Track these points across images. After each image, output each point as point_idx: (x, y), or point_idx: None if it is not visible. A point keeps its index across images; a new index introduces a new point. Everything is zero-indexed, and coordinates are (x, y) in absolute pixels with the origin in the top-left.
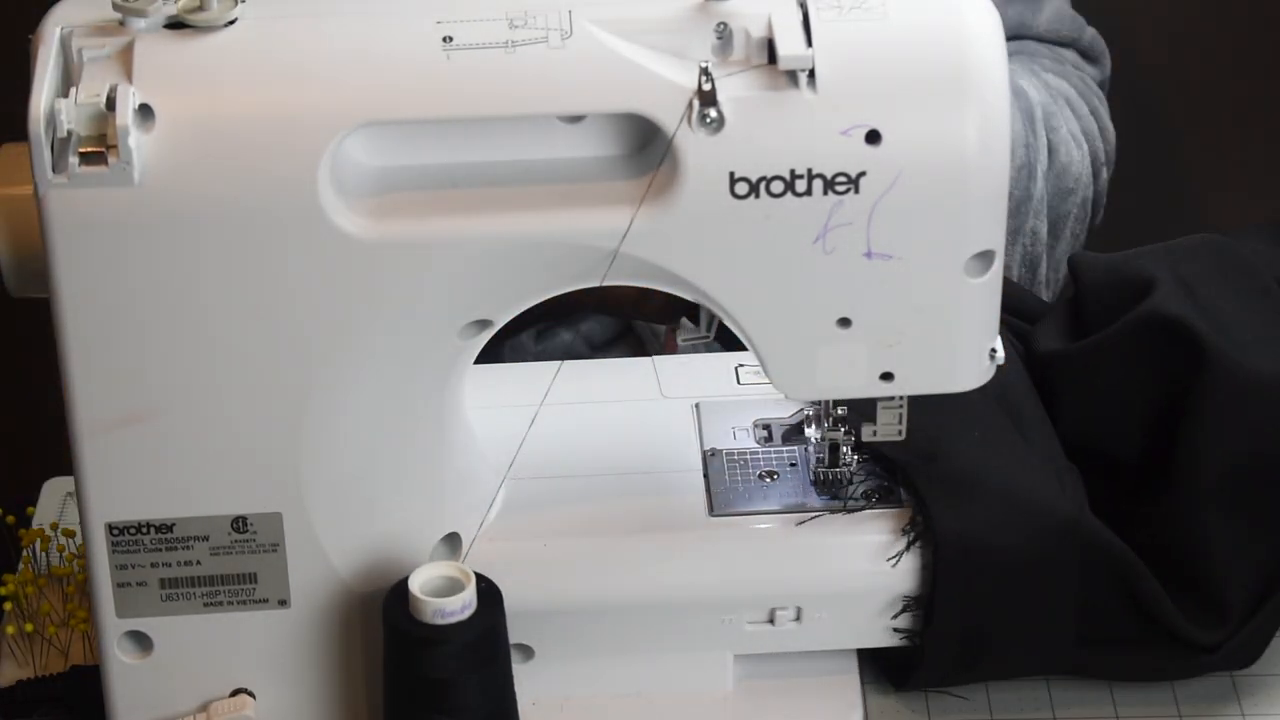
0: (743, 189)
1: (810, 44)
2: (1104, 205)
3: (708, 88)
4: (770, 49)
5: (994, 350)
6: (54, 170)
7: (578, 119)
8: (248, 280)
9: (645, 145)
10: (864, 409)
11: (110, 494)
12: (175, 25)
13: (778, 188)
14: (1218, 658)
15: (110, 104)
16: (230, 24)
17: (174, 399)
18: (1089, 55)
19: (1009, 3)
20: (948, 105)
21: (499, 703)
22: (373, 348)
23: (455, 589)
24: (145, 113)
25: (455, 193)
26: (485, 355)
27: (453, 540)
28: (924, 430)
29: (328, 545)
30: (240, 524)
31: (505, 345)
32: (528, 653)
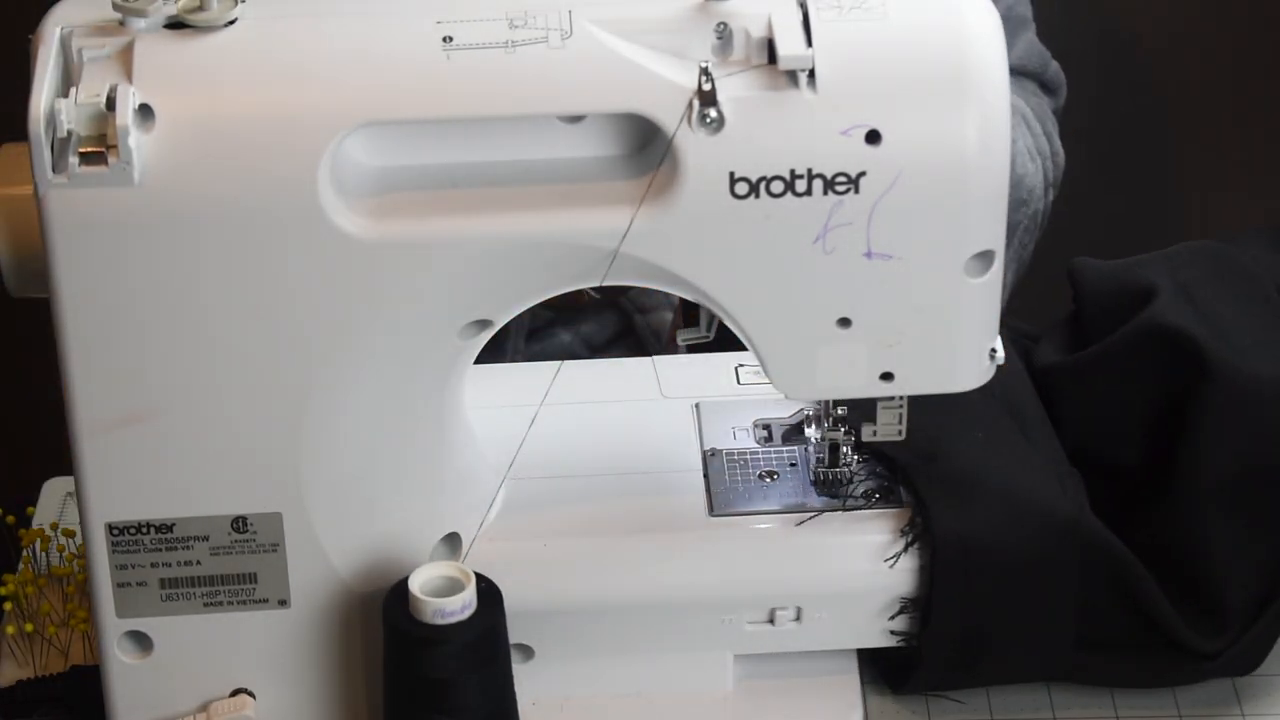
0: (743, 189)
1: (810, 44)
2: (1047, 225)
3: (708, 88)
4: (770, 49)
5: (994, 350)
6: (54, 170)
7: (578, 119)
8: (248, 280)
9: (645, 145)
10: (864, 409)
11: (110, 494)
12: (175, 25)
13: (778, 188)
14: (1218, 664)
15: (110, 104)
16: (230, 24)
17: (174, 399)
18: (1049, 87)
19: None
20: (948, 105)
21: (499, 703)
22: (373, 348)
23: (455, 589)
24: (145, 113)
25: (455, 193)
26: (485, 355)
27: (453, 540)
28: (925, 430)
29: (328, 545)
30: (240, 524)
31: (507, 345)
32: (528, 653)
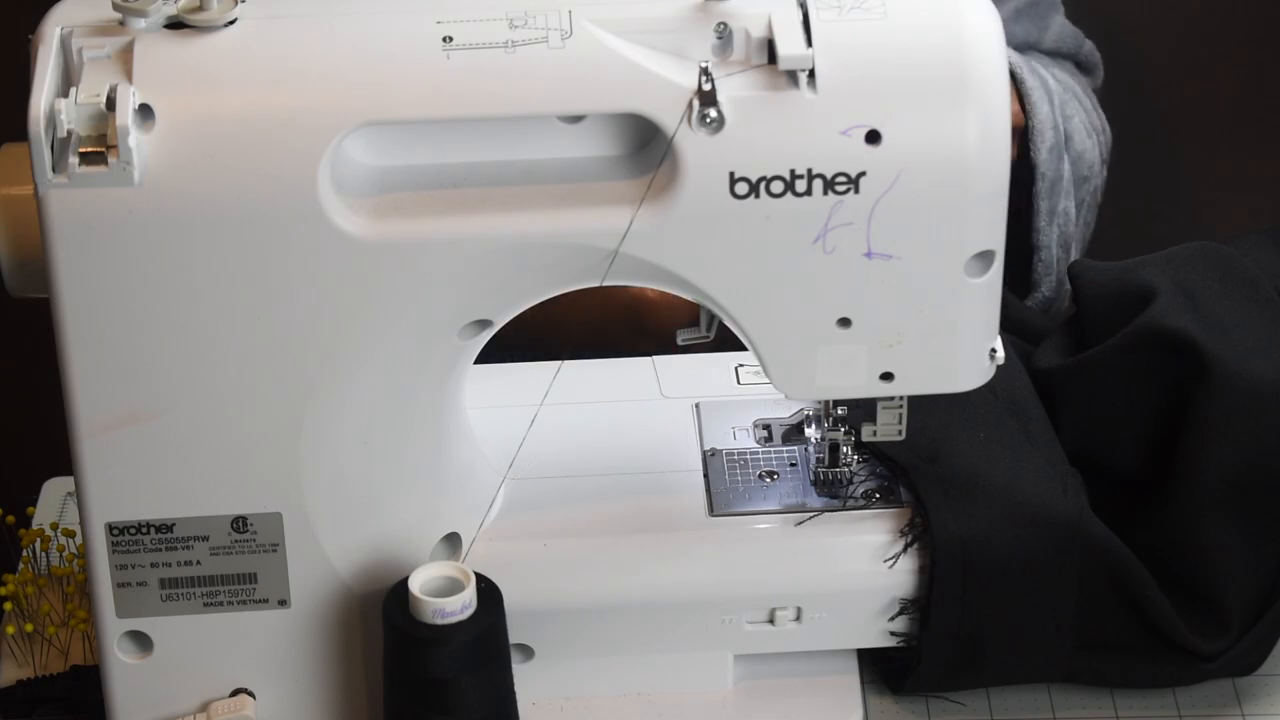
0: (743, 189)
1: (810, 44)
2: (1100, 198)
3: (708, 88)
4: (770, 49)
5: (994, 350)
6: (54, 170)
7: (578, 119)
8: (248, 280)
9: (645, 145)
10: (864, 409)
11: (110, 494)
12: (175, 25)
13: (778, 188)
14: (1218, 666)
15: (110, 104)
16: (230, 24)
17: (174, 399)
18: (1085, 66)
19: (1018, 20)
20: (948, 105)
21: (499, 703)
22: (373, 348)
23: (455, 589)
24: (145, 113)
25: (455, 193)
26: (485, 355)
27: (453, 540)
28: (928, 430)
29: (328, 545)
30: (240, 524)
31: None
32: (528, 653)
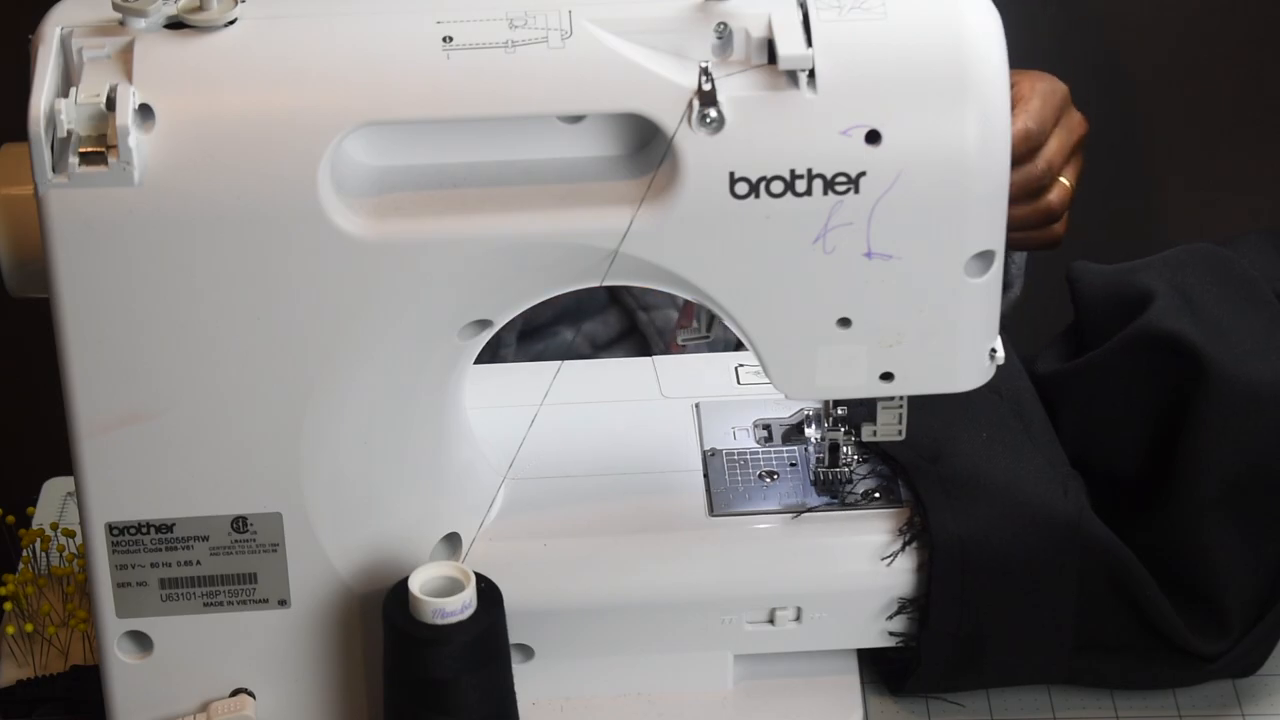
0: (743, 189)
1: (810, 44)
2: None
3: (708, 88)
4: (770, 49)
5: (994, 350)
6: (54, 170)
7: (578, 119)
8: (248, 280)
9: (645, 145)
10: (864, 409)
11: (110, 494)
12: (175, 25)
13: (778, 188)
14: (1218, 667)
15: (110, 104)
16: (230, 24)
17: (174, 399)
18: None
19: None
20: (948, 105)
21: (499, 703)
22: (373, 348)
23: (455, 589)
24: (145, 113)
25: (455, 193)
26: (485, 355)
27: (453, 540)
28: (930, 430)
29: (328, 545)
30: (240, 524)
31: (511, 347)
32: (528, 653)
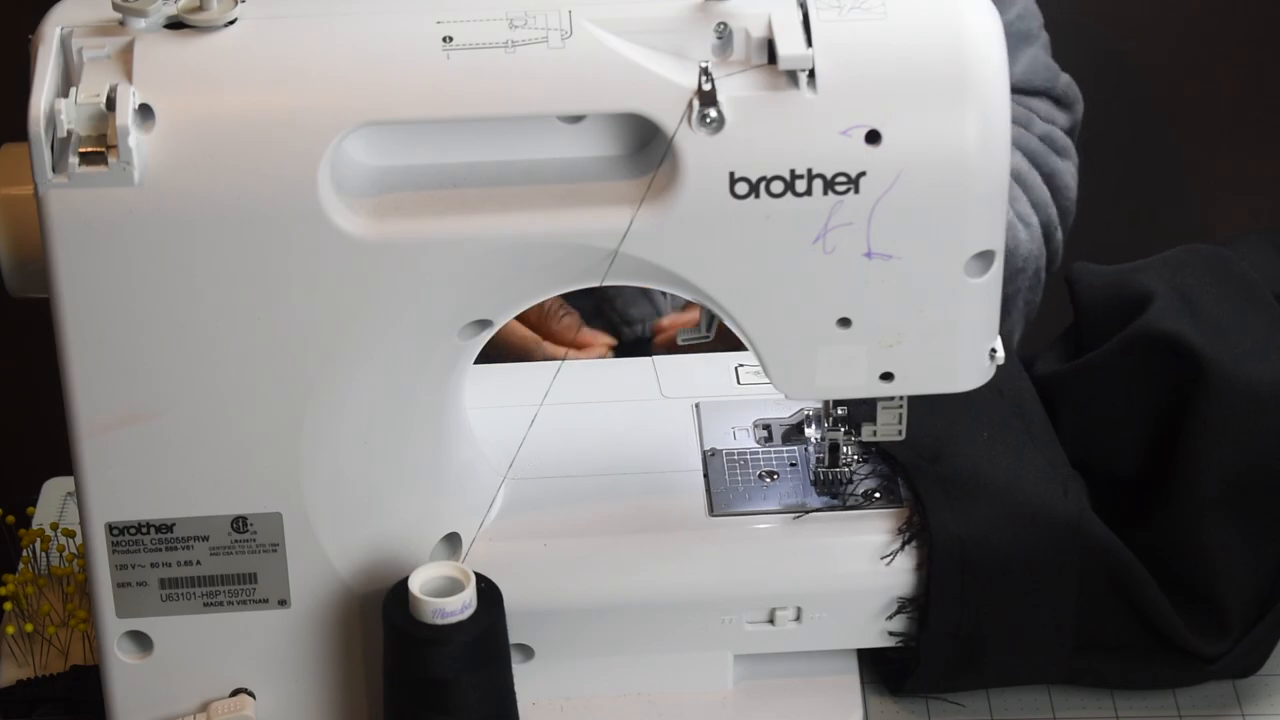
0: (743, 189)
1: (810, 44)
2: (1060, 257)
3: (708, 88)
4: (770, 49)
5: (994, 350)
6: (54, 170)
7: (578, 119)
8: (248, 280)
9: (645, 145)
10: (864, 409)
11: (110, 494)
12: (175, 25)
13: (778, 188)
14: (1218, 667)
15: (110, 104)
16: (230, 24)
17: (174, 399)
18: (1062, 102)
19: None
20: (948, 105)
21: (499, 703)
22: (373, 348)
23: (455, 589)
24: (145, 113)
25: (455, 193)
26: (485, 355)
27: (453, 540)
28: (931, 429)
29: (328, 545)
30: (240, 524)
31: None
32: (528, 653)
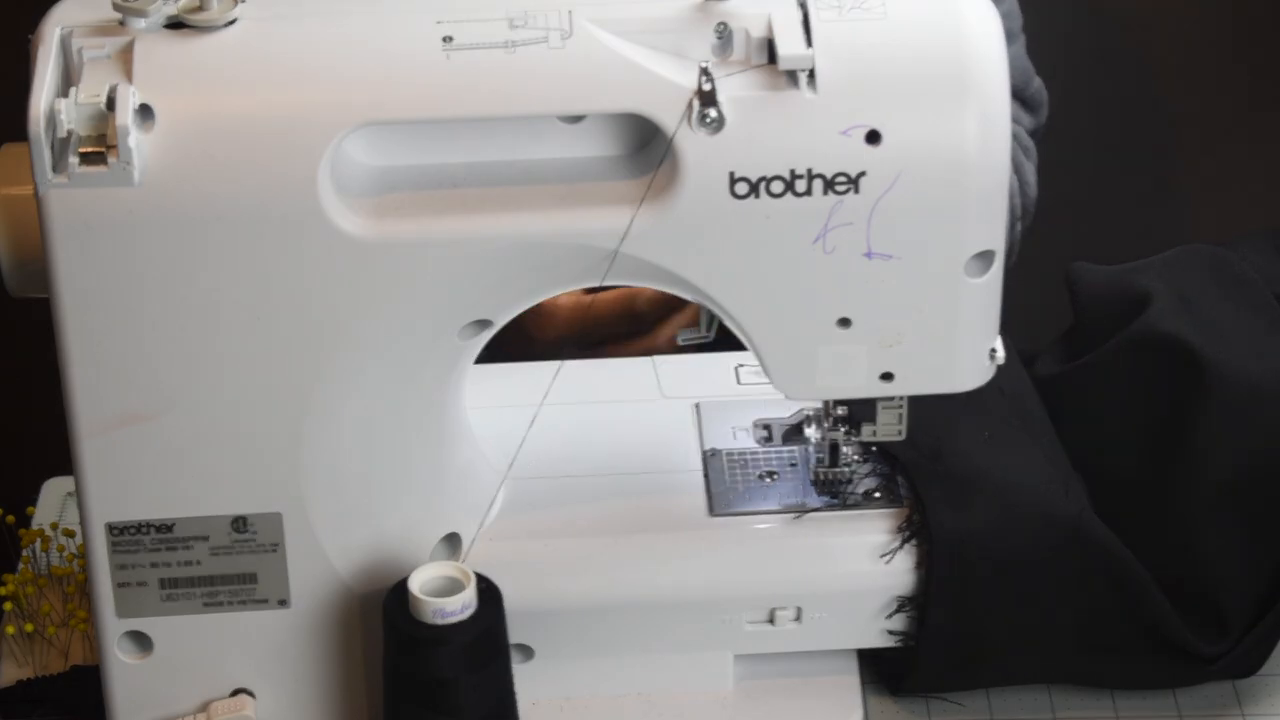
0: (743, 189)
1: (810, 44)
2: (1017, 251)
3: (708, 88)
4: (770, 49)
5: (994, 350)
6: (54, 170)
7: (578, 119)
8: (248, 280)
9: (645, 145)
10: (864, 409)
11: (110, 494)
12: (175, 25)
13: (778, 188)
14: (1218, 668)
15: (110, 104)
16: (230, 24)
17: (174, 399)
18: (1029, 105)
19: None
20: (948, 105)
21: (499, 703)
22: (373, 348)
23: (455, 589)
24: (145, 113)
25: (455, 193)
26: (485, 355)
27: (453, 540)
28: (932, 428)
29: (328, 545)
30: (240, 524)
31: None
32: (528, 653)
